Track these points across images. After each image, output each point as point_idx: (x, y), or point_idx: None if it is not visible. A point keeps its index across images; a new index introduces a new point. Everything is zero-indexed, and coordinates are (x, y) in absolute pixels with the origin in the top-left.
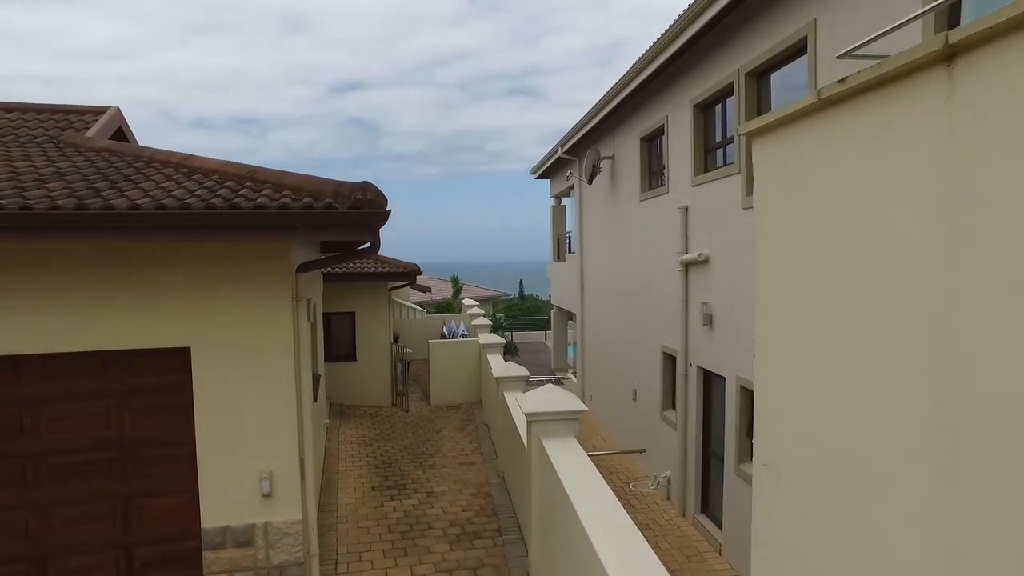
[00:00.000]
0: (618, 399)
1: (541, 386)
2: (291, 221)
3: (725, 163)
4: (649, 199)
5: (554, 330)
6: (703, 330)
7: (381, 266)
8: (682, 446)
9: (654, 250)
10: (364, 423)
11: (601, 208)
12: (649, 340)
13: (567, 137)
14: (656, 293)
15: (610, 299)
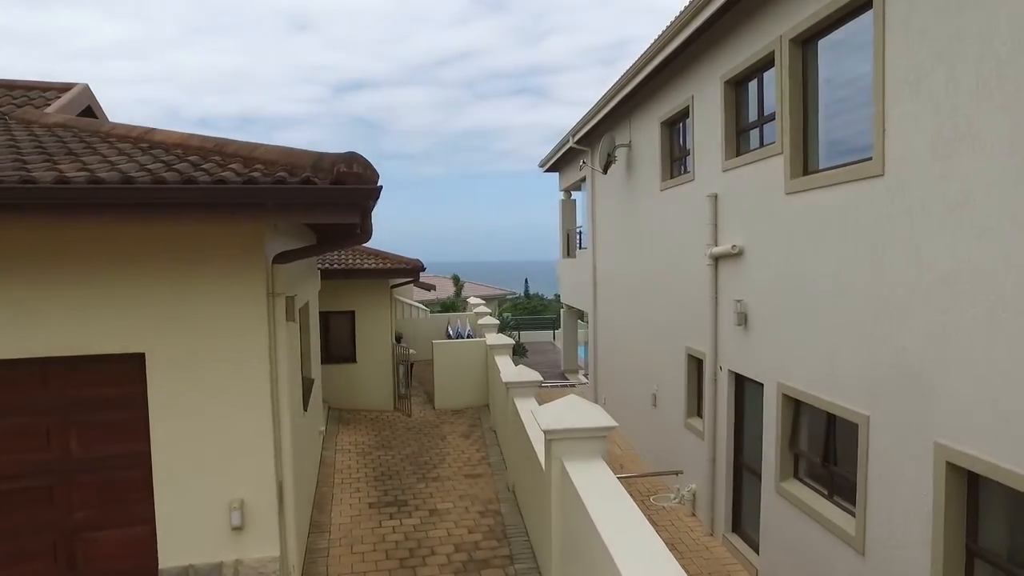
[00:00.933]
0: (635, 404)
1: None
2: (260, 199)
3: (762, 144)
4: (671, 188)
5: (564, 330)
6: (736, 331)
7: (382, 262)
8: (710, 457)
9: (677, 243)
10: (364, 429)
11: (616, 200)
12: (671, 341)
13: (579, 125)
14: (680, 290)
15: (626, 296)
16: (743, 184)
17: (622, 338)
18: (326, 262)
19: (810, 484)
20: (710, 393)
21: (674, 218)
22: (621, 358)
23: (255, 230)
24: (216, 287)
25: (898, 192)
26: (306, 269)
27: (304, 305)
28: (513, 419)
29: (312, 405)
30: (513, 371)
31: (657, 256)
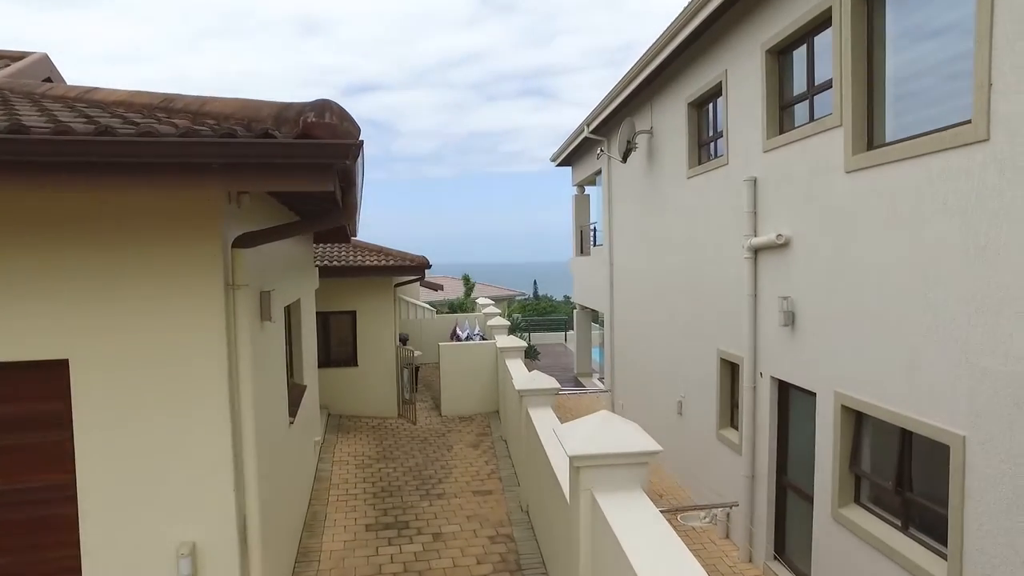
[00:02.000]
0: (658, 411)
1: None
2: (201, 156)
3: (812, 118)
4: (700, 175)
5: (577, 331)
6: (781, 332)
7: (385, 259)
8: (747, 474)
9: (708, 235)
10: (364, 438)
11: (636, 191)
12: (701, 343)
13: (595, 113)
14: (711, 286)
15: (647, 295)
16: (789, 165)
17: (642, 340)
18: (325, 258)
19: (877, 512)
20: (748, 402)
21: (703, 207)
22: (641, 361)
23: (206, 204)
24: (157, 277)
25: (1009, 160)
26: (294, 262)
27: (295, 303)
28: (527, 430)
29: (305, 414)
30: (527, 377)
31: (683, 250)
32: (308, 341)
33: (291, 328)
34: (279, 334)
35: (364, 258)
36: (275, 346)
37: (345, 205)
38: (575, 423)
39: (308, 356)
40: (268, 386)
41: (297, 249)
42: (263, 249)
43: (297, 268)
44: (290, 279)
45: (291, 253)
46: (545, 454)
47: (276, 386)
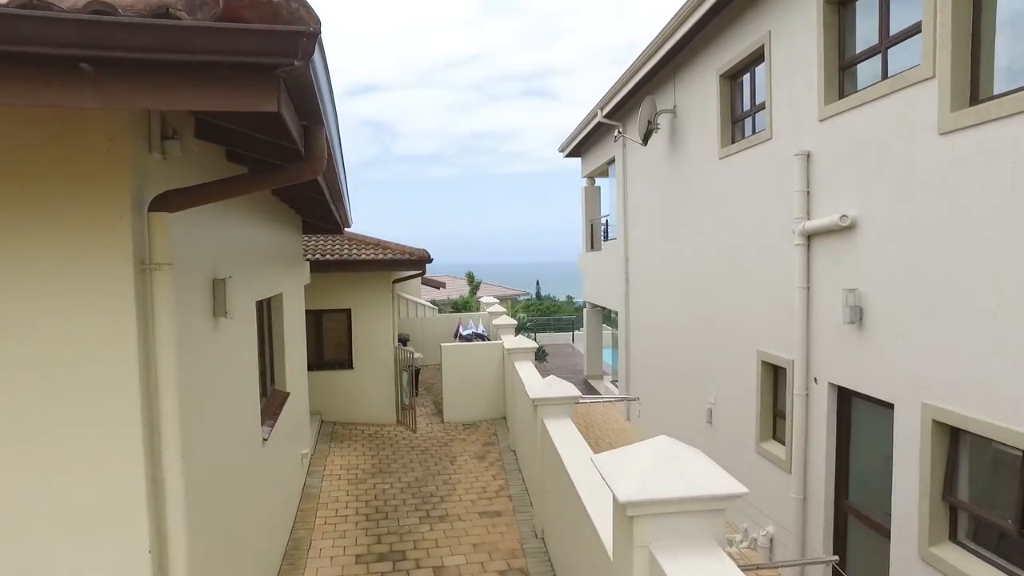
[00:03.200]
0: (683, 419)
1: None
2: (56, 43)
3: (886, 75)
4: (735, 154)
5: (587, 331)
6: (845, 331)
7: (383, 252)
8: (799, 495)
9: (745, 220)
10: (360, 448)
11: (656, 178)
12: (736, 343)
13: (609, 95)
14: (749, 279)
15: (669, 291)
16: (854, 133)
17: (663, 340)
18: (317, 252)
19: (985, 555)
20: (798, 412)
21: (739, 190)
22: (662, 364)
23: (105, 147)
24: (37, 248)
25: None
26: (273, 249)
27: (275, 298)
28: (543, 444)
29: (288, 425)
30: (542, 384)
31: (714, 239)
32: (294, 342)
33: (271, 327)
34: (246, 333)
35: (360, 251)
36: (238, 347)
37: (311, 149)
38: (623, 454)
39: (294, 359)
40: (222, 394)
41: (276, 235)
42: (216, 226)
43: (277, 258)
44: (266, 269)
45: (267, 238)
46: (568, 476)
47: (239, 395)
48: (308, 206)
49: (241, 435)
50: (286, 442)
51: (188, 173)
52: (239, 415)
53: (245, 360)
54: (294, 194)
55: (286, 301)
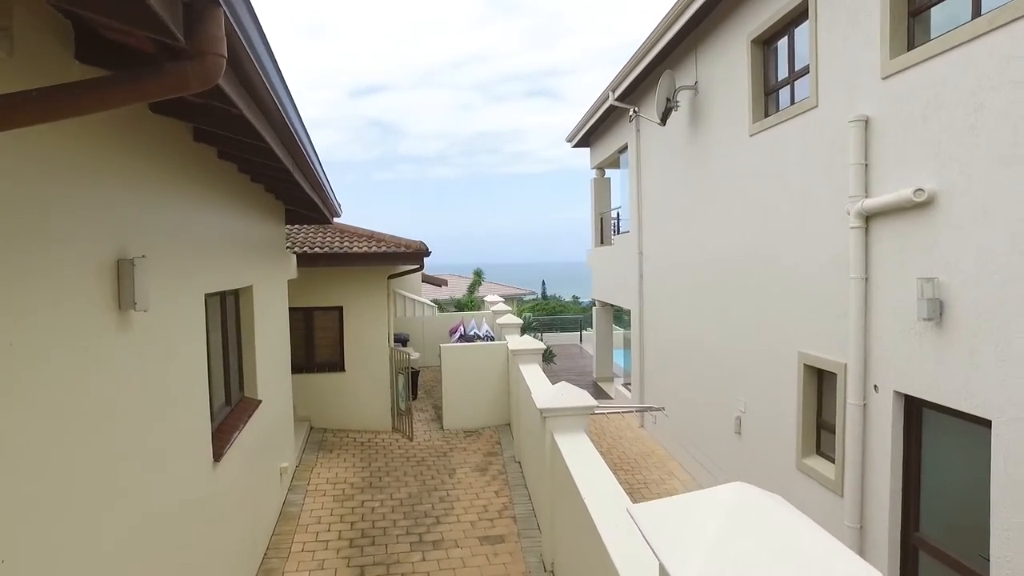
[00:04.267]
0: (706, 427)
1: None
2: None
3: (979, 12)
4: (769, 129)
5: (596, 331)
6: (918, 329)
7: (376, 245)
8: (854, 524)
9: (782, 203)
10: (350, 458)
11: (676, 161)
12: (771, 344)
13: (622, 75)
14: (788, 270)
15: (689, 287)
16: (932, 88)
17: (682, 341)
18: (305, 245)
19: None
20: (853, 425)
21: (776, 169)
22: (681, 367)
23: None
24: None
25: None
26: (237, 232)
27: (244, 290)
28: (553, 461)
29: (261, 438)
30: (551, 392)
31: (744, 227)
32: (272, 342)
33: (239, 325)
34: (185, 332)
35: (351, 244)
36: (168, 349)
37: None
38: (680, 511)
39: (272, 361)
40: (135, 409)
41: (246, 220)
42: (127, 188)
43: (246, 245)
44: (226, 257)
45: (229, 221)
46: (587, 511)
47: (170, 407)
48: (280, 185)
49: (175, 457)
50: (258, 456)
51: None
52: (171, 433)
53: (184, 365)
54: (258, 168)
55: (260, 296)
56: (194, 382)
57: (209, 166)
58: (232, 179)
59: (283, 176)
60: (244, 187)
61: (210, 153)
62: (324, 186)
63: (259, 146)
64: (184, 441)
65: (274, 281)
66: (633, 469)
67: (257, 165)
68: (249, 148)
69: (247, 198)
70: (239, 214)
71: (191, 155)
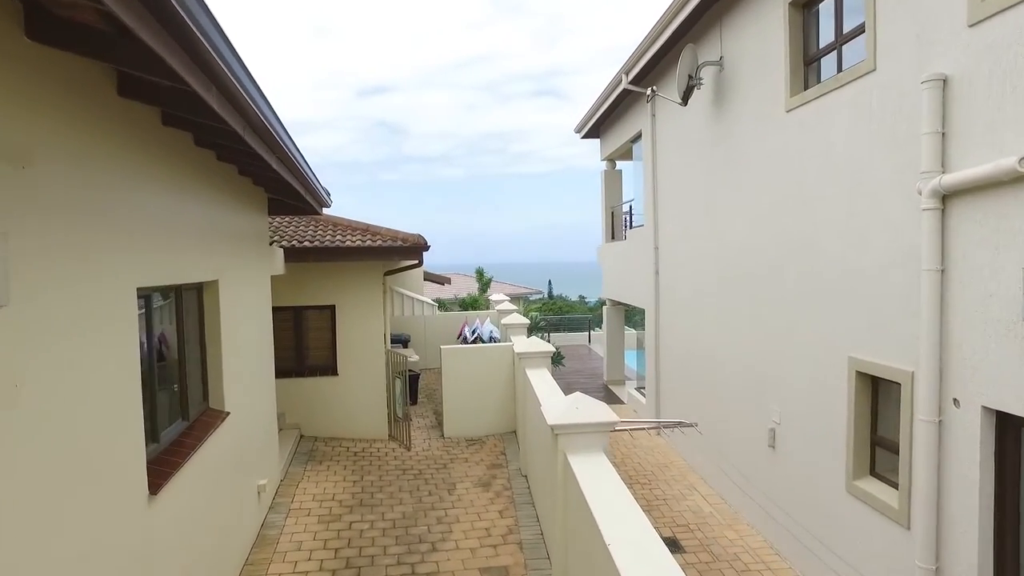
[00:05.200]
0: (734, 439)
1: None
2: None
3: None
4: (809, 103)
5: (607, 332)
6: (1018, 330)
7: (371, 239)
8: (927, 562)
9: (824, 188)
10: (340, 471)
11: (698, 146)
12: (813, 348)
13: (636, 56)
14: (836, 263)
15: (713, 284)
16: None
17: (704, 343)
18: (294, 238)
19: None
20: (925, 444)
21: (819, 148)
22: (703, 371)
23: None
24: None
25: None
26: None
27: (209, 285)
28: (567, 489)
29: (229, 455)
30: (562, 404)
31: (778, 216)
32: (248, 345)
33: (202, 325)
34: (94, 334)
35: (344, 237)
36: (64, 356)
37: None
38: None
39: (245, 367)
40: None
41: (211, 205)
42: None
43: (208, 234)
44: (175, 245)
45: (181, 202)
46: (608, 554)
47: (69, 430)
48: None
49: (84, 496)
50: (227, 476)
51: None
52: (74, 466)
53: (98, 377)
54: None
55: (231, 292)
56: (117, 398)
57: (148, 134)
58: (190, 155)
59: (242, 147)
60: (208, 166)
61: (149, 116)
62: (299, 165)
63: (199, 105)
64: (101, 474)
65: (251, 276)
66: (650, 482)
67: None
68: (192, 108)
69: (212, 179)
70: (199, 197)
71: (116, 116)
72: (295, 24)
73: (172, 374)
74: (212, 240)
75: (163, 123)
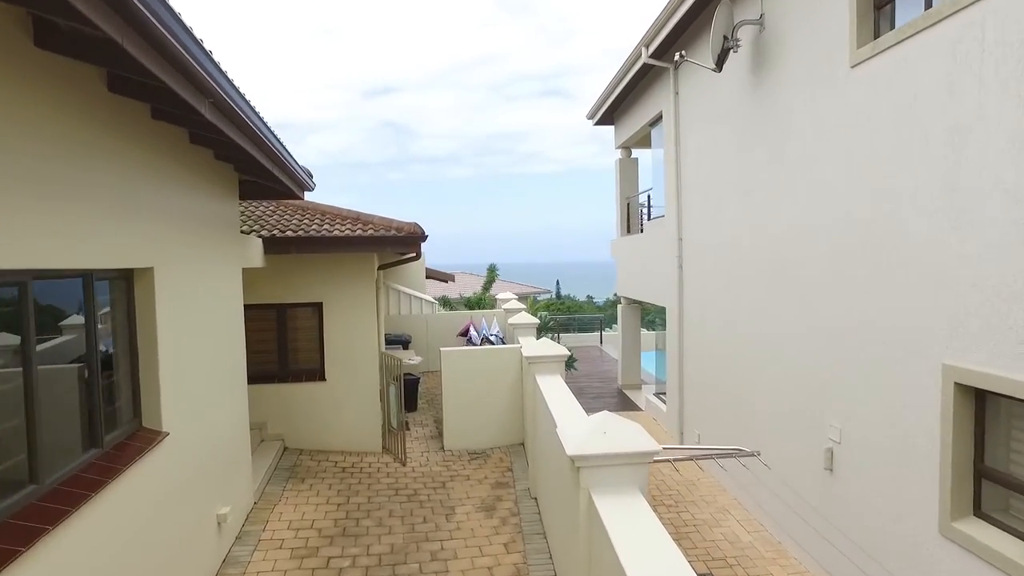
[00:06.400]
0: (776, 455)
1: None
2: None
3: None
4: (885, 52)
5: (622, 332)
6: None
7: (362, 228)
8: None
9: (910, 152)
10: (325, 491)
11: (729, 122)
12: (887, 349)
13: (658, 25)
14: (918, 244)
15: (748, 277)
16: None
17: (738, 346)
18: (276, 227)
19: None
20: None
21: (898, 105)
22: (737, 379)
23: None
24: None
25: None
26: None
27: (142, 274)
28: (590, 535)
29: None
30: (585, 426)
31: (837, 194)
32: (202, 349)
33: (131, 324)
34: None
35: (332, 226)
36: None
37: None
38: None
39: (198, 375)
40: None
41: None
42: None
43: (138, 208)
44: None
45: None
46: None
47: None
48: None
49: None
50: (165, 511)
51: None
52: None
53: None
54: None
55: (174, 284)
56: None
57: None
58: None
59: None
60: (141, 125)
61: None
62: (257, 129)
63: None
64: None
65: (212, 268)
66: (677, 504)
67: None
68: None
69: (147, 142)
70: (123, 160)
71: None
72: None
73: (75, 392)
74: (144, 218)
75: (35, 44)
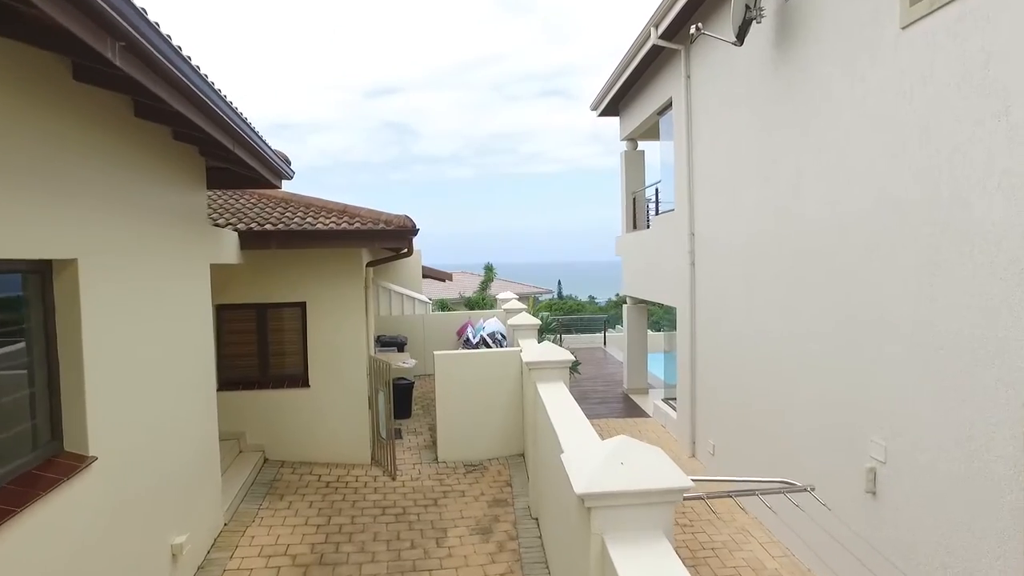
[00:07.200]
0: (809, 475)
1: None
2: None
3: None
4: (946, 6)
5: (628, 333)
6: None
7: (349, 221)
8: None
9: (979, 126)
10: (305, 510)
11: (750, 102)
12: (950, 354)
13: (670, 1)
14: (989, 230)
15: (772, 273)
16: None
17: (760, 350)
18: (254, 221)
19: None
20: None
21: (965, 73)
22: (757, 382)
23: None
24: None
25: None
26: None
27: (63, 266)
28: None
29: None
30: (597, 455)
31: (882, 176)
32: (152, 355)
33: (47, 328)
34: None
35: (316, 220)
36: None
37: None
38: None
39: (144, 386)
40: None
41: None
42: None
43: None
44: None
45: None
46: None
47: None
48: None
49: None
50: (93, 548)
51: None
52: None
53: None
54: None
55: (116, 281)
56: None
57: None
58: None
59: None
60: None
61: None
62: (199, 90)
63: None
64: None
65: (169, 263)
66: (692, 523)
67: None
68: None
69: (74, 112)
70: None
71: None
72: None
73: None
74: (64, 202)
75: None
